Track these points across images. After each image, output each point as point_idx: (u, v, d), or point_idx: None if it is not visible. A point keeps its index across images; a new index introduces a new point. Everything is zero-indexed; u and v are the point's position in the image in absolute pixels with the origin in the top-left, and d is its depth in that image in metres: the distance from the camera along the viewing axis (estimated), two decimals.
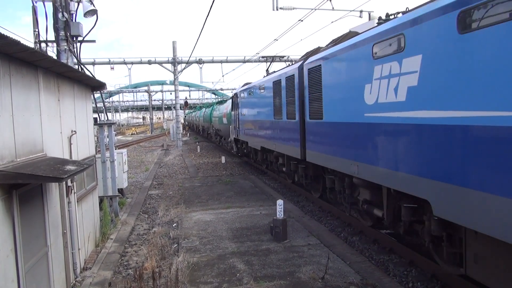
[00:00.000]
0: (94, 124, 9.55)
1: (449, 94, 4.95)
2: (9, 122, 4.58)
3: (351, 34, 8.56)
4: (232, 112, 21.46)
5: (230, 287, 6.06)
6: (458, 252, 5.54)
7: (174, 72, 32.13)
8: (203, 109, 45.19)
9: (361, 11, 19.28)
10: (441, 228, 5.55)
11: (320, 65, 9.01)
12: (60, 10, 8.76)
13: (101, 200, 9.61)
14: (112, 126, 10.74)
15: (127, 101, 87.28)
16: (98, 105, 11.36)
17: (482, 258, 4.91)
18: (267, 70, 17.62)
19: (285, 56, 17.10)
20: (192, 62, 32.10)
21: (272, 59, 19.97)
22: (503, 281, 4.62)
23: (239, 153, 21.85)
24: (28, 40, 7.44)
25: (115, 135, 26.60)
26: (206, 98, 79.79)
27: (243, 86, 19.31)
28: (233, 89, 64.54)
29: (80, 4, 9.06)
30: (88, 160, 7.96)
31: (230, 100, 25.64)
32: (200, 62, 32.60)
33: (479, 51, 4.45)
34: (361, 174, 7.33)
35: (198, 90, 73.99)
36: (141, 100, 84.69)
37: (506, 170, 4.10)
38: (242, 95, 18.54)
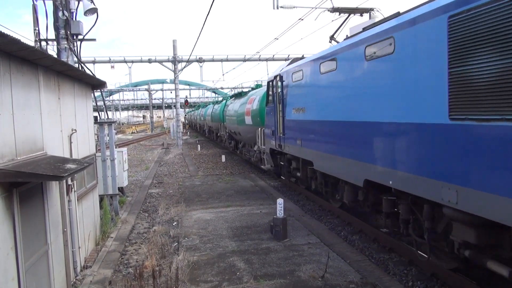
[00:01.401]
0: (95, 123, 9.56)
1: None
2: (10, 120, 4.58)
3: None
4: (268, 108, 13.73)
5: (230, 285, 6.06)
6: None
7: (175, 71, 32.11)
8: (211, 106, 37.05)
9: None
10: None
11: None
12: (61, 8, 8.75)
13: (101, 198, 9.61)
14: (112, 124, 10.74)
15: (127, 99, 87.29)
16: (99, 103, 11.36)
17: None
18: (332, 36, 10.46)
19: (374, 8, 10.82)
20: (192, 61, 32.08)
21: (350, 13, 10.98)
22: None
23: (282, 174, 13.95)
24: (28, 39, 7.45)
25: (115, 133, 26.64)
26: (207, 97, 79.75)
27: (290, 63, 11.95)
28: (233, 88, 61.45)
29: (80, 2, 9.04)
30: (89, 159, 7.96)
31: (253, 92, 19.29)
32: (200, 60, 32.57)
33: None
34: None
35: (199, 89, 74.00)
36: (142, 99, 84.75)
37: None
38: (295, 77, 10.78)
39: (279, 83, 12.23)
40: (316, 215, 10.59)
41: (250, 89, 21.55)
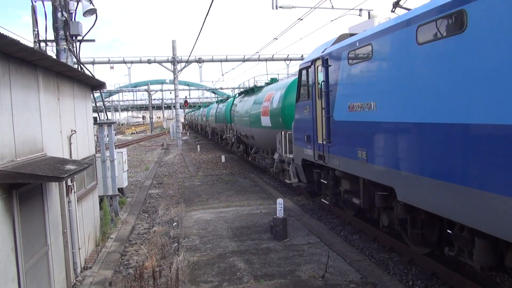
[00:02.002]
0: (94, 124, 9.56)
1: None
2: (9, 121, 4.58)
3: None
4: (300, 105, 10.26)
5: (231, 286, 6.06)
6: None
7: (174, 71, 32.11)
8: (214, 105, 32.85)
9: (360, 10, 19.24)
10: None
11: None
12: (60, 9, 8.75)
13: (101, 199, 9.61)
14: (112, 125, 10.74)
15: (126, 100, 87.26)
16: (98, 104, 11.36)
17: None
18: (396, 2, 7.22)
19: None
20: (191, 61, 32.10)
21: None
22: None
23: (323, 195, 9.76)
24: (27, 40, 7.44)
25: (115, 134, 26.62)
26: (206, 97, 79.71)
27: (337, 41, 8.50)
28: (233, 88, 59.02)
29: (80, 3, 9.04)
30: (88, 160, 7.96)
31: (270, 86, 15.86)
32: (199, 61, 32.59)
33: None
34: None
35: (198, 89, 73.94)
36: (141, 99, 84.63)
37: None
38: (356, 56, 7.26)
39: (321, 69, 8.67)
40: (316, 215, 10.58)
41: (264, 84, 18.03)
